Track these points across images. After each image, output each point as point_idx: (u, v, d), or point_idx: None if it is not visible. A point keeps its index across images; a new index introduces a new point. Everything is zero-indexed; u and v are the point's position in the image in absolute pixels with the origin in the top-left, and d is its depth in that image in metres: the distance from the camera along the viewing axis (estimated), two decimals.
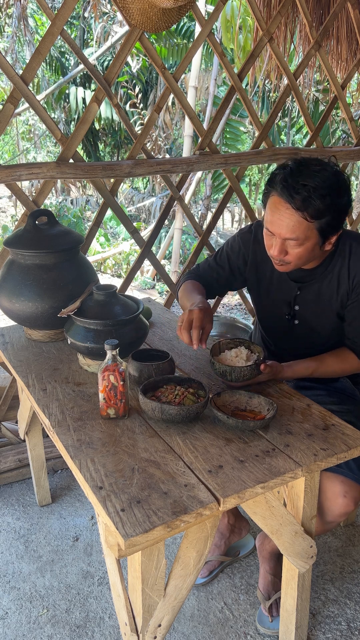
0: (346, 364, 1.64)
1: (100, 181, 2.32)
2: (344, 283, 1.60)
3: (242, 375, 1.49)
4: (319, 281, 1.64)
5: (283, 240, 1.46)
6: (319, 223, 1.42)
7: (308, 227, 1.42)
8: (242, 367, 1.48)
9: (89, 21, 7.08)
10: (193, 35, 5.97)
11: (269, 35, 2.53)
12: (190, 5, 2.17)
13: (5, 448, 2.43)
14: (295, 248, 1.47)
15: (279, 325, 1.75)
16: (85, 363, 1.66)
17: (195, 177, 5.50)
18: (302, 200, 1.38)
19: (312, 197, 1.38)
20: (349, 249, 1.60)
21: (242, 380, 1.51)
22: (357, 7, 2.81)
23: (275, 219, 1.44)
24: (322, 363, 1.63)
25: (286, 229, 1.43)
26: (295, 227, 1.42)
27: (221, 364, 1.50)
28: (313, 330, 1.69)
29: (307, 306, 1.68)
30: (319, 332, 1.69)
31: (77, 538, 2.06)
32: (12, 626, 1.72)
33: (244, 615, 1.75)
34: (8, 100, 2.01)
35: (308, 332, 1.70)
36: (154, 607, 1.19)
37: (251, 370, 1.49)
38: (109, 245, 6.57)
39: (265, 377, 1.55)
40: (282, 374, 1.59)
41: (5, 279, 1.79)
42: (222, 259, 1.81)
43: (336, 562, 1.96)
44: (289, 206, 1.40)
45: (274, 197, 1.45)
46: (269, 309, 1.78)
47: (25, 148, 8.75)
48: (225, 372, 1.49)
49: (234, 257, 1.78)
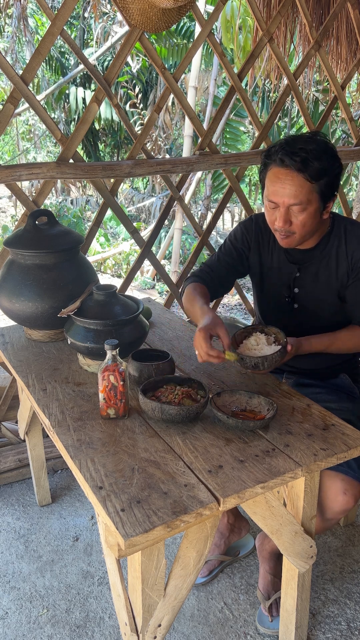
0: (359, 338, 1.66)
1: (100, 181, 2.33)
2: (342, 263, 1.64)
3: (274, 362, 1.51)
4: (317, 263, 1.67)
5: (287, 208, 1.52)
6: (318, 185, 1.49)
7: (310, 189, 1.48)
8: (274, 354, 1.50)
9: (89, 21, 7.08)
10: (193, 35, 5.97)
11: (269, 35, 2.53)
12: (190, 5, 2.17)
13: (5, 448, 2.43)
14: (299, 215, 1.52)
15: (278, 309, 1.77)
16: (85, 363, 1.67)
17: (195, 177, 5.50)
18: (302, 162, 1.46)
19: (310, 158, 1.46)
20: (345, 231, 1.66)
21: (275, 366, 1.53)
22: (357, 7, 2.81)
23: (277, 188, 1.51)
24: (336, 338, 1.65)
25: (289, 194, 1.49)
26: (297, 191, 1.48)
27: (251, 356, 1.50)
28: (313, 313, 1.71)
29: (307, 288, 1.70)
30: (318, 314, 1.71)
31: (77, 538, 2.06)
32: (12, 626, 1.72)
33: (244, 615, 1.75)
34: (8, 100, 2.01)
35: (308, 316, 1.72)
36: (154, 607, 1.20)
37: (282, 354, 1.51)
38: (109, 245, 6.57)
39: (290, 355, 1.57)
40: (302, 349, 1.60)
41: (5, 279, 1.79)
42: (227, 247, 1.83)
43: (336, 562, 1.96)
44: (290, 170, 1.48)
45: (273, 168, 1.52)
46: (270, 293, 1.80)
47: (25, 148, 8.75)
48: (257, 364, 1.50)
49: (238, 244, 1.81)
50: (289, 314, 1.74)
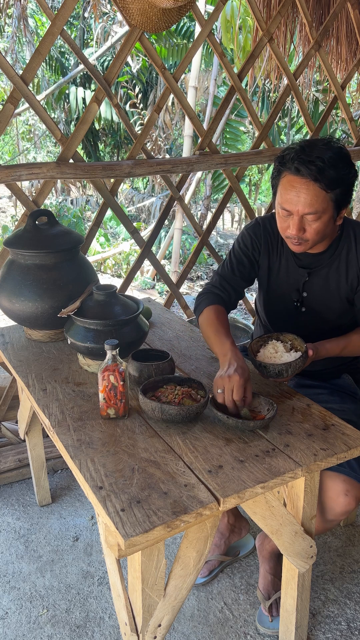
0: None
1: (100, 181, 2.33)
2: (353, 268, 1.64)
3: (297, 368, 1.51)
4: (326, 266, 1.67)
5: (301, 217, 1.50)
6: (334, 194, 1.47)
7: (325, 198, 1.46)
8: (296, 360, 1.50)
9: (89, 21, 7.08)
10: (193, 35, 5.97)
11: (269, 35, 2.53)
12: (190, 5, 2.17)
13: (5, 448, 2.43)
14: (314, 223, 1.50)
15: (285, 313, 1.76)
16: (85, 363, 1.67)
17: (195, 177, 5.50)
18: (318, 171, 1.43)
19: (326, 167, 1.43)
20: (354, 234, 1.65)
21: (297, 372, 1.53)
22: (357, 7, 2.81)
23: (292, 196, 1.47)
24: (349, 341, 1.65)
25: (304, 203, 1.46)
26: (313, 200, 1.46)
27: (275, 364, 1.50)
28: (320, 316, 1.70)
29: (315, 292, 1.70)
30: (325, 318, 1.70)
31: (77, 538, 2.06)
32: (12, 626, 1.72)
33: (244, 615, 1.75)
34: (8, 100, 2.01)
35: (314, 319, 1.72)
36: (154, 607, 1.20)
37: (304, 360, 1.51)
38: (109, 245, 6.57)
39: (310, 360, 1.56)
40: (319, 354, 1.60)
41: (5, 279, 1.79)
42: (238, 255, 1.78)
43: (336, 562, 1.96)
44: (306, 179, 1.44)
45: (287, 176, 1.48)
46: (277, 296, 1.78)
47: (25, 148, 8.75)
48: (282, 371, 1.50)
49: (249, 251, 1.77)
50: (295, 317, 1.74)
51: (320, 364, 1.78)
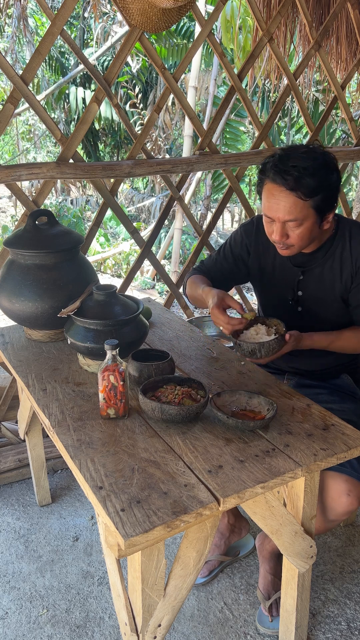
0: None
1: (100, 181, 2.32)
2: (347, 267, 1.64)
3: (271, 349, 1.52)
4: (320, 265, 1.67)
5: (282, 223, 1.52)
6: (314, 201, 1.47)
7: (304, 206, 1.47)
8: (270, 341, 1.51)
9: (89, 21, 7.08)
10: (193, 35, 5.97)
11: (269, 35, 2.53)
12: (190, 5, 2.17)
13: (5, 448, 2.43)
14: (296, 229, 1.52)
15: (282, 313, 1.77)
16: (85, 363, 1.67)
17: (195, 177, 5.50)
18: (295, 180, 1.44)
19: (303, 176, 1.44)
20: (349, 233, 1.65)
21: (272, 354, 1.54)
22: (357, 7, 2.81)
23: (272, 204, 1.50)
24: (339, 336, 1.66)
25: (283, 211, 1.48)
26: (292, 208, 1.47)
27: (248, 342, 1.53)
28: (317, 315, 1.71)
29: (311, 291, 1.70)
30: (323, 317, 1.71)
31: (77, 538, 2.06)
32: (12, 626, 1.72)
33: (244, 615, 1.75)
34: (8, 100, 2.01)
35: (312, 318, 1.72)
36: (153, 607, 1.20)
37: (279, 342, 1.53)
38: (109, 245, 6.57)
39: (289, 347, 1.58)
40: (302, 343, 1.61)
41: (5, 279, 1.79)
42: (226, 251, 1.85)
43: (336, 562, 1.96)
44: (283, 188, 1.46)
45: (267, 184, 1.51)
46: (273, 297, 1.80)
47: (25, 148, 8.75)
48: (254, 350, 1.53)
49: (237, 249, 1.82)
50: (293, 316, 1.74)
51: (318, 364, 1.78)
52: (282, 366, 1.84)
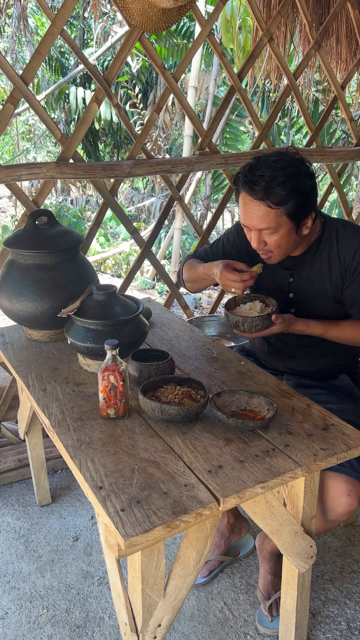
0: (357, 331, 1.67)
1: (100, 181, 2.32)
2: (335, 267, 1.64)
3: (254, 326, 1.55)
4: (308, 267, 1.68)
5: (258, 231, 1.54)
6: (285, 209, 1.48)
7: (276, 214, 1.48)
8: (254, 317, 1.55)
9: (89, 21, 7.07)
10: (193, 35, 5.97)
11: (269, 35, 2.53)
12: (190, 5, 2.18)
13: (5, 448, 2.43)
14: (272, 236, 1.54)
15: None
16: (85, 363, 1.67)
17: (195, 177, 5.50)
18: (263, 191, 1.46)
19: (271, 185, 1.45)
20: (335, 234, 1.65)
21: (255, 331, 1.57)
22: (357, 7, 2.81)
23: (245, 213, 1.53)
24: (336, 325, 1.66)
25: (257, 220, 1.51)
26: (264, 217, 1.49)
27: (234, 314, 1.57)
28: (310, 316, 1.71)
29: (301, 293, 1.71)
30: (315, 317, 1.70)
31: (77, 538, 2.06)
32: (12, 626, 1.72)
33: (244, 615, 1.75)
34: (8, 100, 2.01)
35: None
36: (153, 607, 1.20)
37: (263, 320, 1.55)
38: (109, 245, 6.57)
39: (278, 328, 1.59)
40: (295, 326, 1.62)
41: (5, 279, 1.79)
42: (217, 247, 1.87)
43: (336, 562, 1.96)
44: (252, 198, 1.48)
45: (241, 193, 1.53)
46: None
47: (25, 148, 8.74)
48: (238, 323, 1.56)
49: (228, 247, 1.84)
50: None
51: (316, 365, 1.78)
52: (280, 367, 1.84)
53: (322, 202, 3.26)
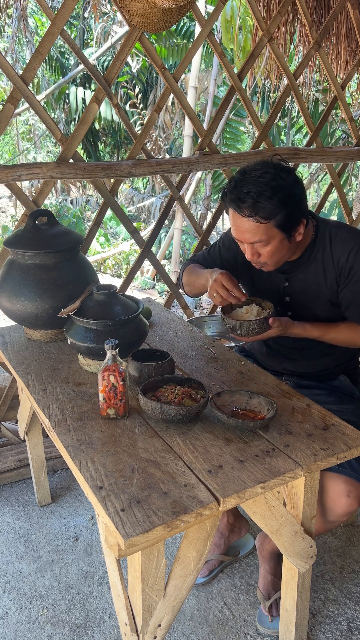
0: (357, 332, 1.66)
1: (100, 181, 2.33)
2: (330, 270, 1.64)
3: (251, 329, 1.55)
4: (303, 271, 1.67)
5: (250, 244, 1.54)
6: (275, 221, 1.47)
7: (266, 227, 1.48)
8: (250, 321, 1.54)
9: (89, 21, 7.07)
10: (193, 35, 5.97)
11: (269, 35, 2.53)
12: (190, 5, 2.18)
13: (5, 448, 2.43)
14: (264, 248, 1.53)
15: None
16: (85, 363, 1.66)
17: (195, 177, 5.50)
18: (250, 207, 1.45)
19: (259, 201, 1.44)
20: (329, 236, 1.64)
21: (252, 335, 1.57)
22: (357, 7, 2.81)
23: (236, 228, 1.53)
24: (333, 328, 1.66)
25: (247, 234, 1.51)
26: (254, 231, 1.49)
27: (231, 319, 1.56)
28: (306, 319, 1.71)
29: (297, 297, 1.71)
30: (312, 320, 1.70)
31: (77, 538, 2.06)
32: (12, 626, 1.72)
33: (244, 615, 1.75)
34: (8, 100, 2.01)
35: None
36: (153, 607, 1.20)
37: (260, 324, 1.54)
38: (109, 245, 6.57)
39: (275, 331, 1.58)
40: (292, 329, 1.62)
41: (5, 279, 1.79)
42: (214, 252, 1.87)
43: (336, 562, 1.96)
44: (240, 215, 1.48)
45: (230, 209, 1.52)
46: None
47: (25, 148, 8.74)
48: (234, 327, 1.56)
49: (224, 251, 1.84)
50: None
51: (315, 366, 1.78)
52: (278, 368, 1.84)
53: (322, 202, 3.26)
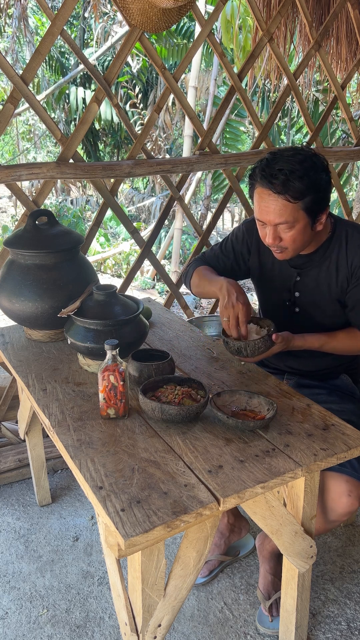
0: (357, 340, 1.66)
1: (100, 181, 2.32)
2: (342, 269, 1.64)
3: (257, 349, 1.53)
4: (317, 267, 1.67)
5: (274, 226, 1.52)
6: (303, 203, 1.47)
7: (293, 208, 1.47)
8: (256, 341, 1.53)
9: (89, 21, 7.07)
10: (193, 35, 5.97)
11: (269, 35, 2.53)
12: (190, 5, 2.18)
13: (5, 448, 2.43)
14: (288, 232, 1.52)
15: (280, 313, 1.77)
16: (85, 363, 1.67)
17: (195, 177, 5.50)
18: (282, 184, 1.45)
19: (290, 179, 1.44)
20: (346, 236, 1.64)
21: (258, 354, 1.55)
22: (357, 7, 2.81)
23: (262, 208, 1.51)
24: (333, 337, 1.66)
25: (274, 214, 1.49)
26: (282, 211, 1.48)
27: (235, 341, 1.55)
28: (313, 317, 1.71)
29: (307, 293, 1.70)
30: (319, 319, 1.71)
31: (77, 538, 2.06)
32: (12, 626, 1.72)
33: (244, 615, 1.75)
34: (8, 100, 2.01)
35: (309, 319, 1.72)
36: (154, 607, 1.20)
37: (265, 342, 1.54)
38: (109, 245, 6.57)
39: (278, 347, 1.58)
40: (293, 343, 1.62)
41: (5, 279, 1.79)
42: (227, 247, 1.85)
43: (336, 562, 1.96)
44: (271, 192, 1.47)
45: (257, 188, 1.52)
46: (271, 296, 1.80)
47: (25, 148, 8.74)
48: (240, 349, 1.54)
49: (238, 246, 1.82)
50: (290, 317, 1.74)
51: (316, 364, 1.78)
52: (281, 366, 1.84)
53: None
